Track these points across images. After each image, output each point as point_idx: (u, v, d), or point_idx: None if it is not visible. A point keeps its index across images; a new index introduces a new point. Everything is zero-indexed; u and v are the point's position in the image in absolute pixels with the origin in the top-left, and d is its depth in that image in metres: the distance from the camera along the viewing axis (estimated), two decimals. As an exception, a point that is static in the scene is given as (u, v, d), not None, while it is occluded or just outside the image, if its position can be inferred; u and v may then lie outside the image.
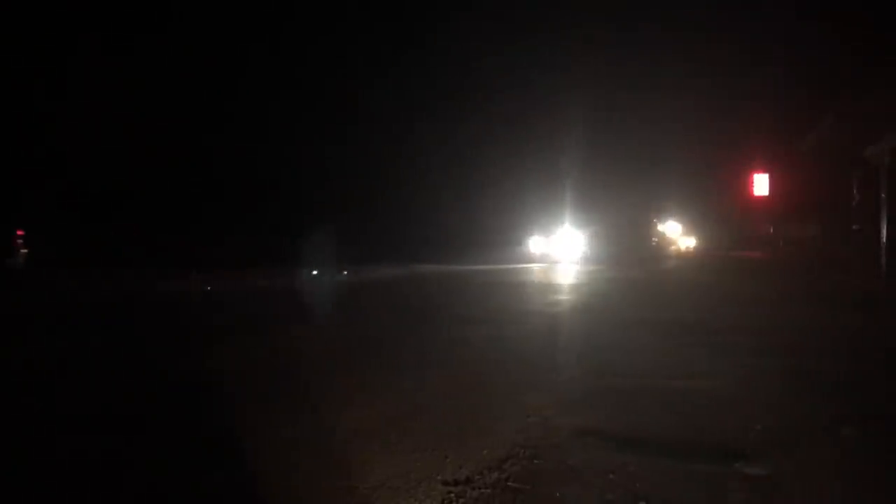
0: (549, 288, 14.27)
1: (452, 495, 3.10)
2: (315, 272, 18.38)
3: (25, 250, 21.99)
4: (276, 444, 3.81)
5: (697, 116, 30.40)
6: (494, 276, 17.98)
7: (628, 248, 27.03)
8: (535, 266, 22.75)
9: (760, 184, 23.89)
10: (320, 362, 6.36)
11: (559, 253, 25.63)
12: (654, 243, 30.92)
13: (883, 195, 13.48)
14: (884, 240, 13.02)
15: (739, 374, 5.26)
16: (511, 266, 22.33)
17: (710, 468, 3.29)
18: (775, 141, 24.22)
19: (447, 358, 6.40)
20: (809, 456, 3.44)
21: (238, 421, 4.26)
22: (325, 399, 4.81)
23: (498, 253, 26.24)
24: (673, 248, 30.54)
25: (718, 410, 4.26)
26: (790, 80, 22.09)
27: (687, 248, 29.71)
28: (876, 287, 12.39)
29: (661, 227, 33.24)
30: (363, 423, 4.14)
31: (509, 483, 3.21)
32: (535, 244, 26.90)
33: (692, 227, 32.31)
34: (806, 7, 20.83)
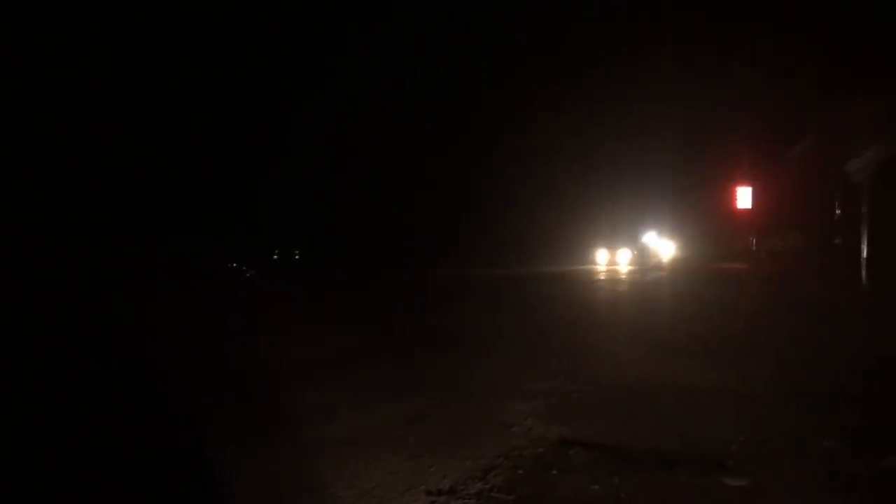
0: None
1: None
2: None
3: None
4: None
5: (683, 128, 30.79)
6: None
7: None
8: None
9: (743, 197, 24.11)
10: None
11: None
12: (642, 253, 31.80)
13: (864, 209, 13.63)
14: (864, 255, 13.15)
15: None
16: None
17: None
18: (759, 154, 24.49)
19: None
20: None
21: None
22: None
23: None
24: (655, 259, 30.95)
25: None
26: (774, 93, 22.37)
27: (666, 259, 30.07)
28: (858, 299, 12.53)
29: (644, 239, 33.90)
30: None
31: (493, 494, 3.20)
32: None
33: (674, 238, 32.76)
34: (789, 19, 21.13)
